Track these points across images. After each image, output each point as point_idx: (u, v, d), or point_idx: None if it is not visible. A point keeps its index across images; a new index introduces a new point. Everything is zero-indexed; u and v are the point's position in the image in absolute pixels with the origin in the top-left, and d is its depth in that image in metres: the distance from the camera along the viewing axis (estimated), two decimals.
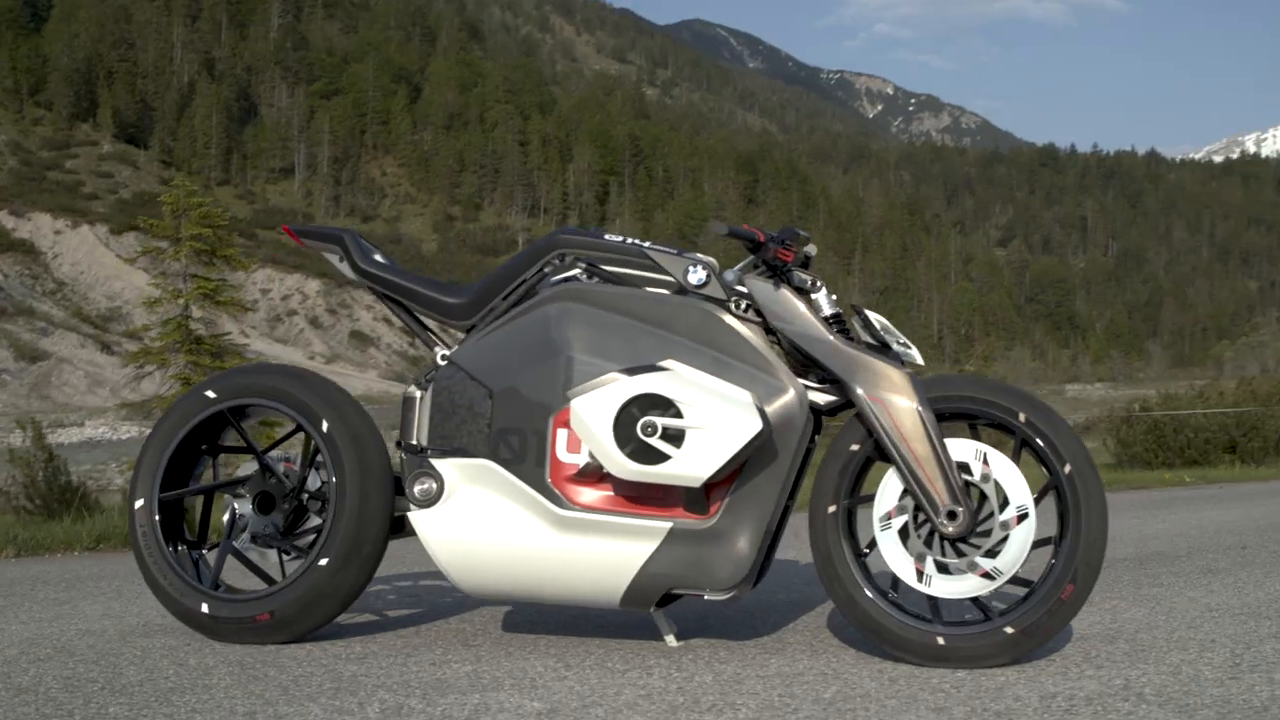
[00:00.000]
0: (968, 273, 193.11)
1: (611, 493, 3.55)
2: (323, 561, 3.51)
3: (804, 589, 4.75)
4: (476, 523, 3.56)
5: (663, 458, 3.38)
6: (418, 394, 3.71)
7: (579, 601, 3.66)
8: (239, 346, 24.47)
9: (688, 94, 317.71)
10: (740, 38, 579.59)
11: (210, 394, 3.71)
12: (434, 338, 3.85)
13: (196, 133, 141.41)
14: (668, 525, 3.52)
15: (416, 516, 3.57)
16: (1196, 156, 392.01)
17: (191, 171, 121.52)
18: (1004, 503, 3.52)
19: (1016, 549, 3.49)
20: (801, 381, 3.61)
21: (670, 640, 3.72)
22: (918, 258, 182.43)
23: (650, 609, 3.63)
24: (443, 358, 3.71)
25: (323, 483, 3.74)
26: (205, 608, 3.54)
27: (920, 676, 3.27)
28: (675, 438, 3.39)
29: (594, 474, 3.52)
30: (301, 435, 3.83)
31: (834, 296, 3.71)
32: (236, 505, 3.76)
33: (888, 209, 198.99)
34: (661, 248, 3.79)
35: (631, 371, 3.49)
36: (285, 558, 3.79)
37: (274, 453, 3.91)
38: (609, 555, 3.53)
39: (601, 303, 3.65)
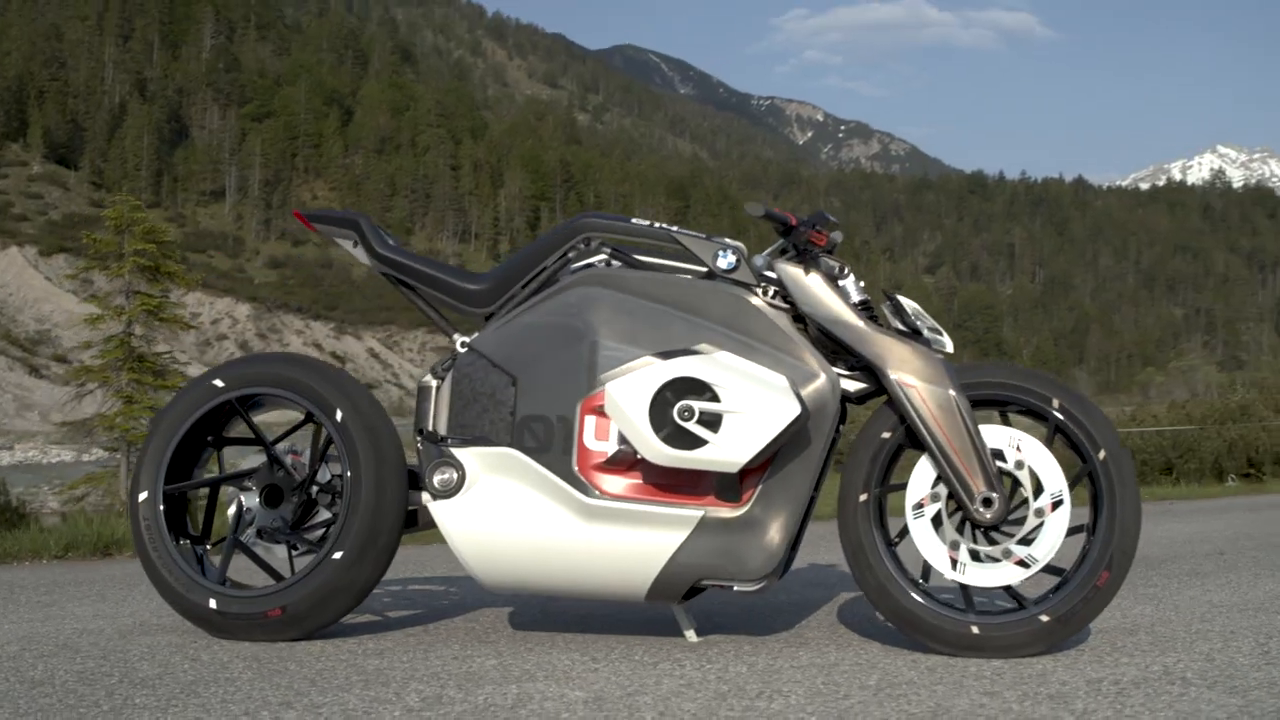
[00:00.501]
0: None
1: (640, 480, 3.48)
2: (337, 555, 3.41)
3: (804, 591, 4.72)
4: (499, 513, 3.47)
5: (700, 443, 3.32)
6: (434, 383, 3.62)
7: (604, 595, 3.58)
8: (181, 364, 24.31)
9: (619, 119, 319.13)
10: (671, 63, 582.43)
11: (218, 382, 3.60)
12: (451, 325, 3.73)
13: (127, 154, 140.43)
14: (699, 514, 3.44)
15: (437, 507, 3.47)
16: (1123, 184, 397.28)
17: (122, 193, 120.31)
18: (1038, 489, 3.50)
19: (1052, 536, 3.47)
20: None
21: (690, 635, 3.65)
22: None
23: (677, 602, 3.57)
24: (462, 345, 3.62)
25: (333, 475, 3.67)
26: (213, 603, 3.44)
27: (958, 665, 3.25)
28: (712, 422, 3.33)
29: (624, 462, 3.45)
30: (309, 428, 3.76)
31: (862, 283, 3.68)
32: (243, 499, 3.66)
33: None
34: (690, 232, 3.72)
35: (666, 355, 3.43)
36: (293, 553, 3.72)
37: (279, 445, 3.81)
38: (637, 545, 3.45)
39: (629, 288, 3.58)
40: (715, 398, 3.33)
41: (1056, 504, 3.46)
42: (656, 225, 3.70)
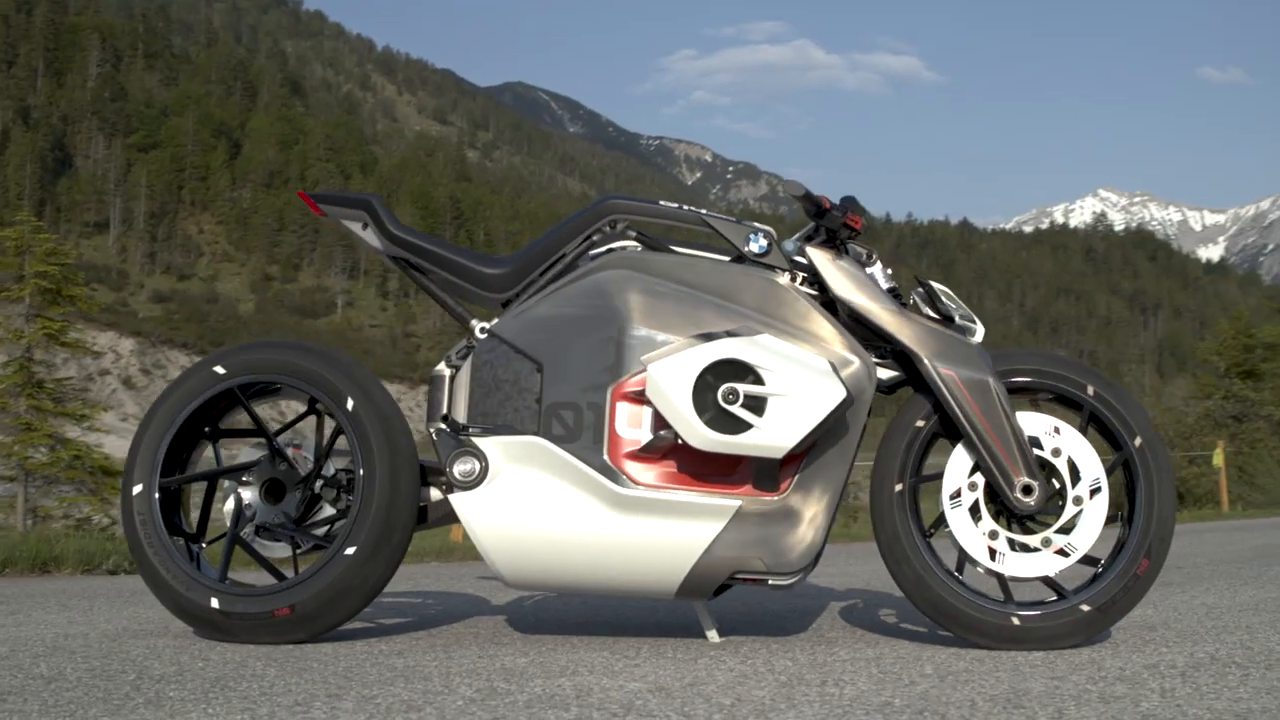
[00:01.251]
0: None
1: (675, 469, 3.37)
2: (349, 551, 3.27)
3: (792, 599, 4.64)
4: (526, 504, 3.34)
5: (744, 427, 3.21)
6: (447, 372, 3.50)
7: (632, 591, 3.47)
8: (79, 391, 23.74)
9: (509, 157, 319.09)
10: (561, 102, 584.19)
11: (219, 369, 3.45)
12: (467, 312, 3.61)
13: (9, 182, 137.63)
14: (736, 504, 3.34)
15: (459, 498, 3.34)
16: (1007, 226, 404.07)
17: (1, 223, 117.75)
18: (1075, 477, 3.45)
19: (1091, 524, 3.42)
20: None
21: (712, 635, 3.56)
22: None
23: (708, 598, 3.48)
24: (482, 330, 3.49)
25: (338, 469, 3.54)
26: (215, 602, 3.27)
27: (1004, 655, 3.23)
28: (757, 406, 3.23)
29: (659, 450, 3.34)
30: (311, 420, 3.66)
31: (889, 270, 3.63)
32: (243, 493, 3.51)
33: None
34: (720, 215, 3.64)
35: (707, 337, 3.33)
36: (297, 550, 3.54)
37: (279, 438, 3.64)
38: (671, 538, 3.33)
39: (658, 271, 3.49)
40: (759, 380, 3.23)
41: (1095, 491, 3.41)
42: (685, 208, 3.62)
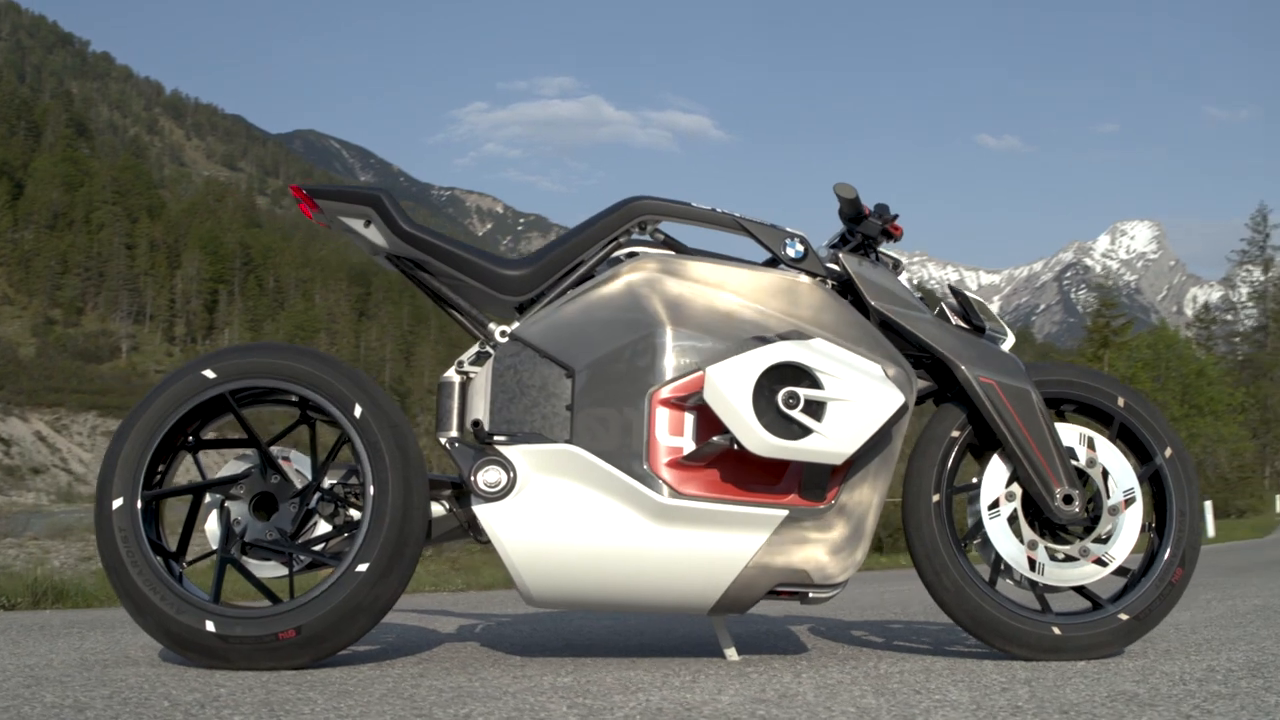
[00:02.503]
0: None
1: (718, 478, 3.21)
2: (361, 568, 3.05)
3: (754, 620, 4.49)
4: (559, 516, 3.16)
5: (805, 432, 3.09)
6: (457, 379, 3.33)
7: (666, 606, 3.31)
8: None
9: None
10: (352, 150, 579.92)
11: (209, 373, 3.17)
12: (481, 316, 3.39)
13: None
14: (782, 513, 3.22)
15: (486, 510, 3.15)
16: None
17: None
18: (1109, 488, 3.46)
19: (1128, 534, 3.43)
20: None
21: (731, 654, 3.44)
22: None
23: (741, 613, 3.40)
24: (503, 334, 3.32)
25: (334, 482, 3.32)
26: (211, 626, 3.00)
27: (1047, 666, 3.24)
28: (816, 411, 3.10)
29: (704, 458, 3.19)
30: (291, 430, 3.48)
31: (913, 281, 3.58)
32: (231, 508, 3.26)
33: None
34: (754, 219, 3.53)
35: (762, 340, 3.20)
36: (291, 569, 3.30)
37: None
38: (714, 550, 3.19)
39: (692, 275, 3.36)
40: (817, 385, 3.12)
41: (1129, 501, 3.44)
42: (718, 210, 3.49)
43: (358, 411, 3.17)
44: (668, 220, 3.48)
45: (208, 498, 3.33)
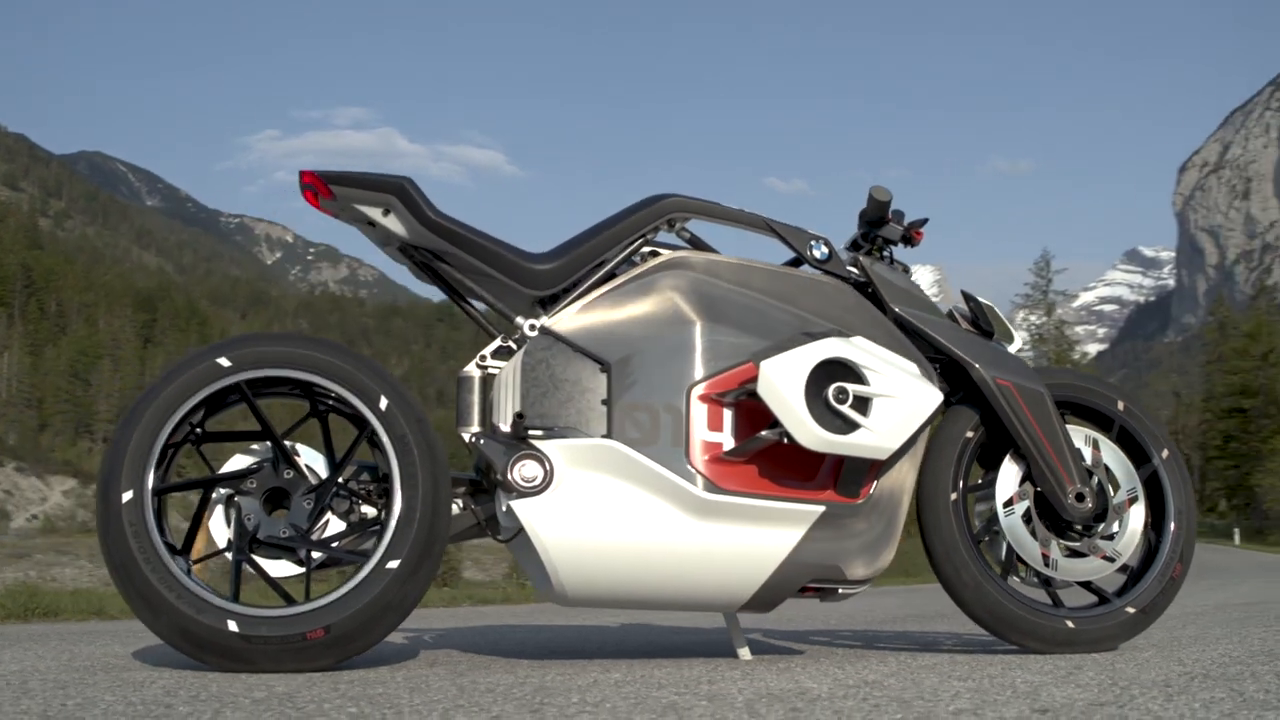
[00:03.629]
0: None
1: (757, 473, 3.21)
2: (391, 564, 2.94)
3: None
4: (598, 512, 3.09)
5: (853, 427, 3.13)
6: (477, 374, 3.27)
7: (699, 603, 3.30)
8: None
9: (83, 226, 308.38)
10: (139, 174, 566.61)
11: (223, 361, 3.00)
12: (507, 310, 3.32)
13: None
14: (819, 509, 3.22)
15: (523, 506, 3.05)
16: None
17: None
18: (1115, 487, 3.57)
19: (1132, 531, 3.54)
20: None
21: (744, 653, 3.43)
22: None
23: (769, 610, 3.35)
24: (532, 327, 3.26)
25: (346, 478, 3.20)
26: (234, 625, 2.82)
27: (1058, 659, 3.23)
28: (862, 406, 3.14)
29: (747, 453, 3.20)
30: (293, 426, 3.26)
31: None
32: (242, 503, 3.08)
33: None
34: (780, 220, 3.55)
35: (813, 336, 3.23)
36: (308, 567, 3.11)
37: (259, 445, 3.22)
38: (751, 545, 3.17)
39: (723, 275, 3.36)
40: (863, 381, 3.16)
41: (1133, 500, 3.56)
42: (747, 210, 3.52)
43: (383, 404, 3.06)
44: (696, 218, 3.50)
45: (216, 492, 3.15)
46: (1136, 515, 3.60)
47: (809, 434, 3.08)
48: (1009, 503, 3.52)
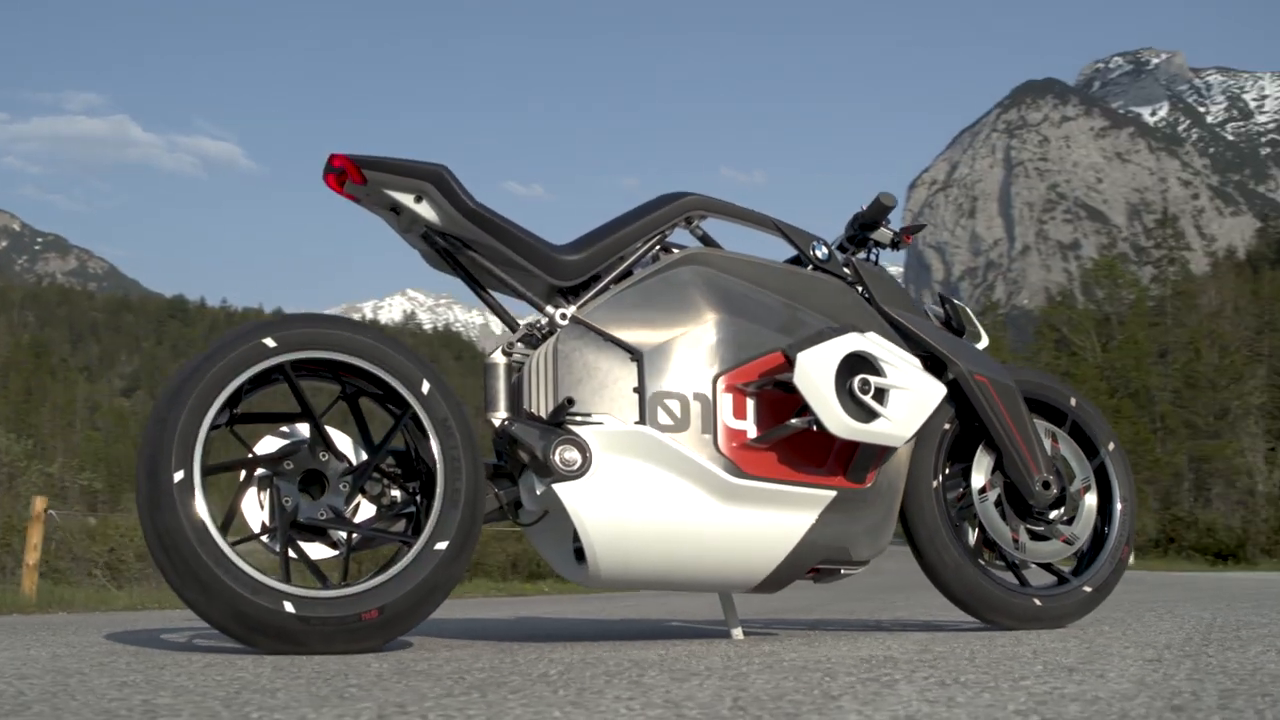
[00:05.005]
0: (94, 421, 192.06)
1: (776, 459, 3.34)
2: (440, 546, 2.96)
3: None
4: (633, 495, 3.17)
5: (873, 416, 3.29)
6: (503, 360, 3.32)
7: (718, 583, 3.47)
8: None
9: None
10: None
11: (269, 342, 2.93)
12: (537, 299, 3.39)
13: None
14: (831, 494, 3.37)
15: (565, 489, 3.11)
16: None
17: None
18: (1070, 476, 3.84)
19: (1087, 516, 3.83)
20: None
21: (737, 633, 3.58)
22: (43, 402, 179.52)
23: (777, 590, 3.51)
24: (563, 316, 3.31)
25: (367, 460, 3.13)
26: (290, 607, 2.77)
27: (1049, 636, 3.35)
28: (881, 397, 3.31)
29: (772, 440, 3.34)
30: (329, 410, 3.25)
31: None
32: (281, 486, 3.03)
33: (13, 349, 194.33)
34: (786, 222, 3.74)
35: (833, 331, 3.40)
36: (348, 549, 3.12)
37: (291, 428, 3.22)
38: (771, 528, 3.31)
39: (739, 271, 3.50)
40: (881, 373, 3.33)
41: (1086, 488, 3.87)
42: (758, 211, 3.69)
43: (425, 388, 3.08)
44: (714, 217, 3.65)
45: (249, 474, 3.12)
46: (1090, 501, 3.87)
47: (838, 422, 3.25)
48: (983, 490, 3.76)
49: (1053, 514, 3.83)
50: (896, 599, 7.69)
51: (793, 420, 3.31)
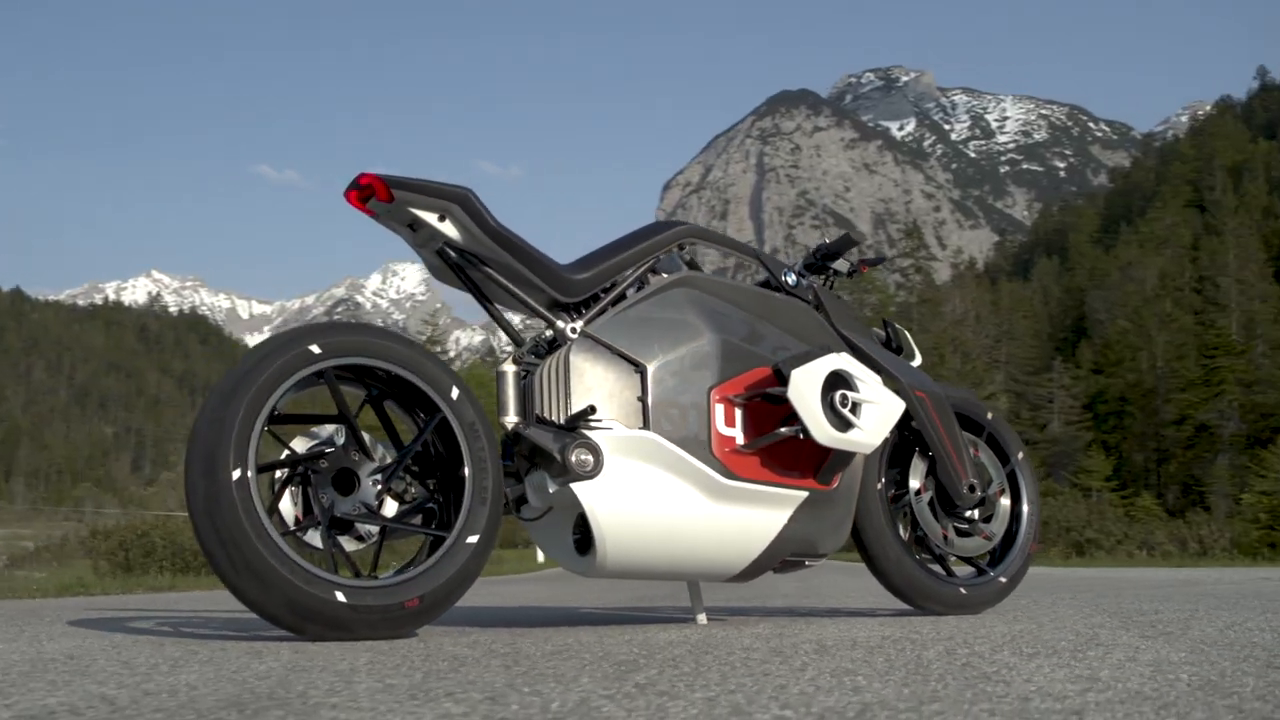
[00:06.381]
0: None
1: (758, 463, 3.63)
2: (471, 539, 3.18)
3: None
4: (640, 493, 3.43)
5: (849, 426, 3.58)
6: (512, 369, 3.48)
7: (704, 573, 3.75)
8: None
9: None
10: None
11: (314, 348, 3.08)
12: (549, 314, 3.61)
13: None
14: (804, 494, 3.70)
15: (582, 488, 3.34)
16: (60, 299, 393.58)
17: None
18: (987, 481, 4.26)
19: (1001, 516, 4.27)
20: None
21: (701, 618, 3.91)
22: None
23: (752, 580, 3.84)
24: (573, 330, 3.54)
25: (391, 460, 3.27)
26: (341, 596, 2.93)
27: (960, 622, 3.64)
28: (855, 410, 3.60)
29: (759, 446, 3.62)
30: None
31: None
32: (316, 482, 3.19)
33: None
34: (765, 252, 4.13)
35: (819, 351, 3.68)
36: (351, 543, 3.26)
37: (323, 430, 3.35)
38: (752, 524, 3.63)
39: (721, 293, 3.79)
40: (855, 389, 3.63)
41: (1001, 491, 4.32)
42: (740, 242, 4.13)
43: (454, 394, 3.29)
44: (704, 244, 3.99)
45: (292, 472, 3.26)
46: (1005, 503, 4.31)
47: (823, 431, 3.54)
48: (919, 492, 4.14)
49: (974, 513, 4.25)
50: (822, 588, 8.28)
51: (781, 429, 3.60)
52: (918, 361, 4.33)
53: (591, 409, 3.40)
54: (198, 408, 3.09)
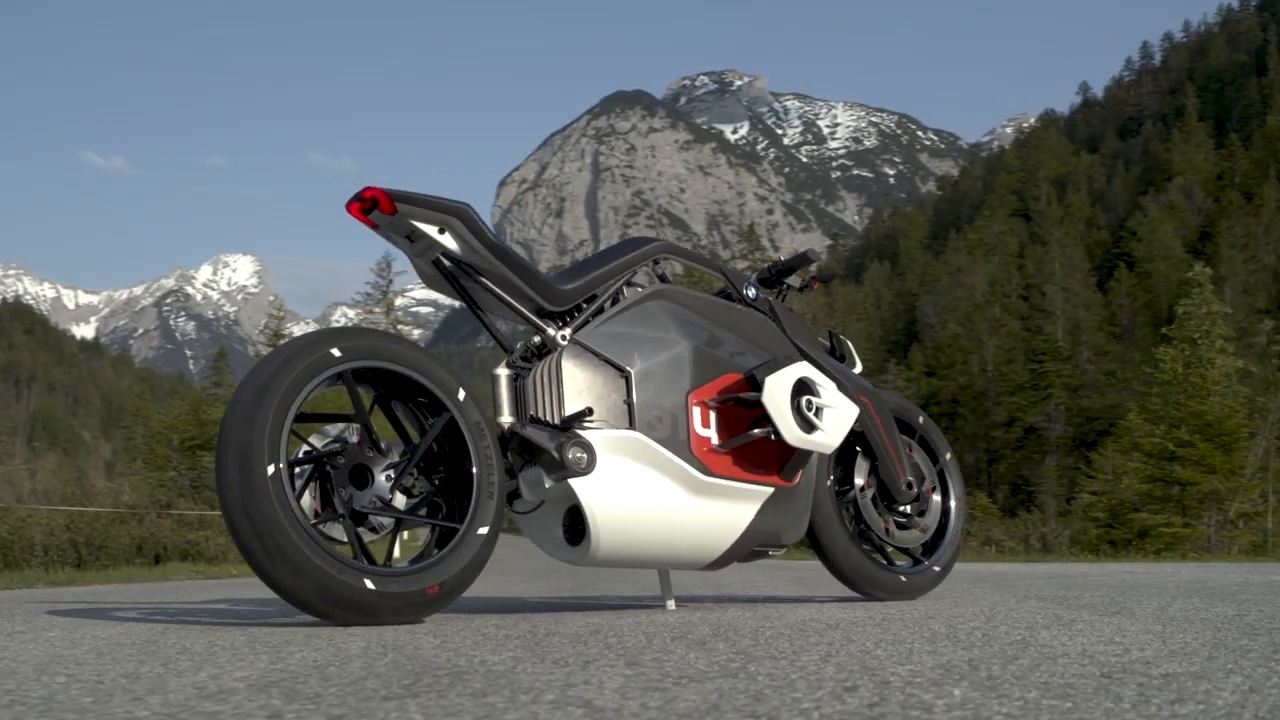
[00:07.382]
0: None
1: (731, 461, 3.89)
2: (482, 530, 3.38)
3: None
4: (629, 488, 3.66)
5: (815, 428, 3.86)
6: (506, 373, 3.66)
7: (680, 562, 3.97)
8: None
9: None
10: None
11: (335, 351, 3.26)
12: (540, 322, 3.78)
13: None
14: (769, 490, 3.97)
15: (578, 483, 3.55)
16: None
17: None
18: (921, 479, 4.57)
19: (934, 511, 4.59)
20: None
21: (670, 604, 4.15)
22: None
23: (720, 568, 4.13)
24: (563, 338, 3.73)
25: (400, 456, 3.41)
26: (370, 584, 3.11)
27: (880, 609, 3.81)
28: (819, 413, 3.88)
29: (734, 446, 3.89)
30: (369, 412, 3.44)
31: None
32: (335, 477, 3.32)
33: None
34: (729, 268, 4.41)
35: (788, 359, 3.98)
36: (366, 534, 3.35)
37: (331, 429, 3.46)
38: (725, 517, 3.89)
39: (692, 305, 4.06)
40: (818, 395, 3.92)
41: (933, 489, 4.65)
42: (708, 257, 4.36)
43: (462, 395, 3.47)
44: (675, 259, 4.22)
45: (315, 468, 3.38)
46: (937, 499, 4.62)
47: (793, 433, 3.82)
48: (863, 488, 4.44)
49: (909, 508, 4.60)
50: (757, 578, 8.64)
51: (754, 430, 3.89)
52: (859, 369, 4.61)
53: (589, 410, 3.62)
54: (227, 405, 3.19)
